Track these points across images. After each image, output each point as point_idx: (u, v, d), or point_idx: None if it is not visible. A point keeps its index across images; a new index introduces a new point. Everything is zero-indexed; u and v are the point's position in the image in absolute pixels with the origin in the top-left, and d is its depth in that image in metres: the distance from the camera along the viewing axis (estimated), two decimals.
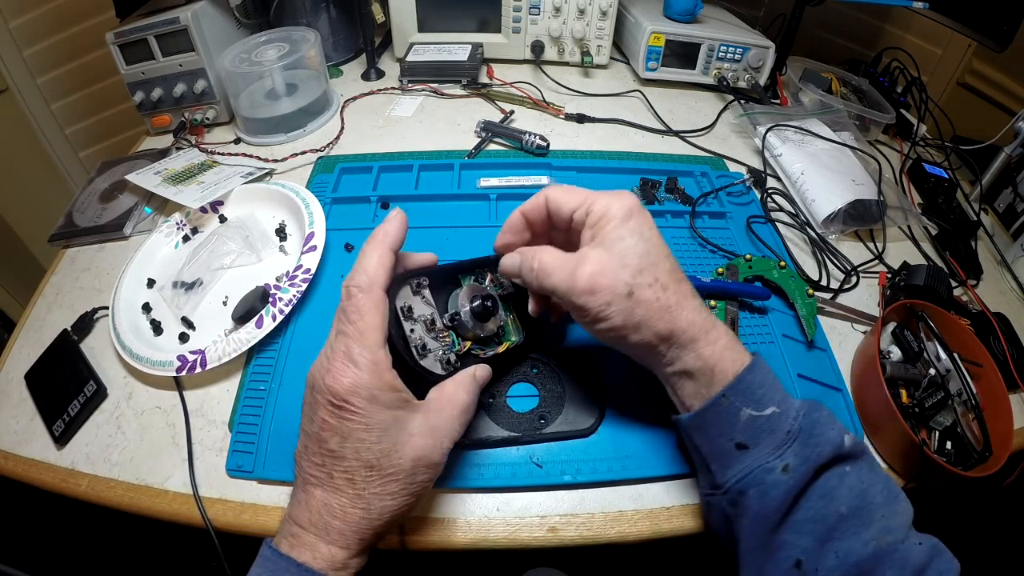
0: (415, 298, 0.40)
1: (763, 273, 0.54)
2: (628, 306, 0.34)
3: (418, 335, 0.39)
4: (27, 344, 0.54)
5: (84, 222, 0.64)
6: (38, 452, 0.46)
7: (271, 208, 0.62)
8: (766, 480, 0.32)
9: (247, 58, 0.74)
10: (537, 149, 0.71)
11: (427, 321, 0.40)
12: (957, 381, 0.47)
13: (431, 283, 0.41)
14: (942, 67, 0.99)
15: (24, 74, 1.10)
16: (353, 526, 0.32)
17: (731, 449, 0.34)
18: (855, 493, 0.32)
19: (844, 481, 0.33)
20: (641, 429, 0.44)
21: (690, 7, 0.82)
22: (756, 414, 0.34)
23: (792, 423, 0.33)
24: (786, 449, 0.33)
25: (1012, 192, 0.71)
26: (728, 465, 0.34)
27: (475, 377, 0.38)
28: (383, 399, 0.32)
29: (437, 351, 0.40)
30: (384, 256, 0.35)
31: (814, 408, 0.35)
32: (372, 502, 0.32)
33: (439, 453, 0.34)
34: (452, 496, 0.42)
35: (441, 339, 0.40)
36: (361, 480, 0.32)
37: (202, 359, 0.47)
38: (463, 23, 0.88)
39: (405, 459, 0.32)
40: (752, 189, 0.68)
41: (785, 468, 0.32)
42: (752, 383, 0.34)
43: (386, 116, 0.79)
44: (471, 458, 0.43)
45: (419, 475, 0.33)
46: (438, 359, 0.39)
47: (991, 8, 0.69)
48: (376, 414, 0.32)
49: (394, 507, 0.32)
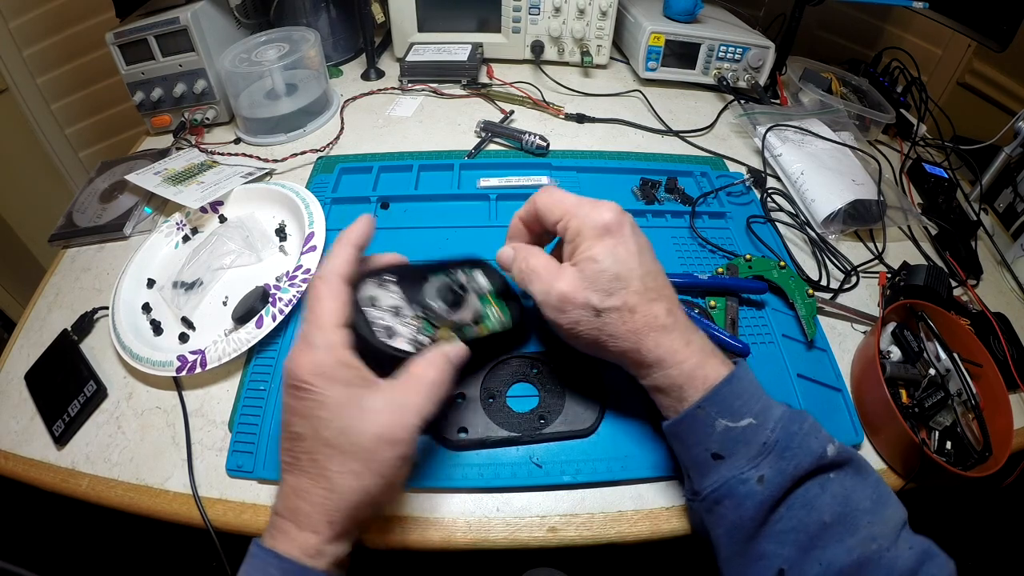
0: (379, 290, 0.40)
1: (763, 273, 0.54)
2: (596, 326, 0.36)
3: (384, 321, 0.38)
4: (27, 344, 0.54)
5: (84, 222, 0.64)
6: (38, 452, 0.46)
7: (271, 208, 0.62)
8: (739, 491, 0.33)
9: (247, 58, 0.74)
10: (537, 149, 0.71)
11: (392, 309, 0.39)
12: (957, 381, 0.47)
13: (402, 280, 0.41)
14: (942, 67, 0.99)
15: (24, 74, 1.10)
16: (319, 507, 0.31)
17: (707, 459, 0.34)
18: (838, 500, 0.32)
19: (827, 489, 0.32)
20: (641, 429, 0.44)
21: (690, 7, 0.82)
22: (732, 425, 0.34)
23: (769, 435, 0.33)
24: (761, 460, 0.33)
25: (1012, 192, 0.71)
26: (704, 474, 0.35)
27: (446, 354, 0.36)
28: (338, 376, 0.32)
29: (406, 333, 0.39)
30: (344, 251, 0.37)
31: (795, 418, 0.34)
32: (334, 480, 0.31)
33: (403, 429, 0.32)
34: (452, 496, 0.42)
35: (409, 324, 0.40)
36: (323, 459, 0.32)
37: (202, 359, 0.47)
38: (463, 23, 0.88)
39: (364, 436, 0.32)
40: (752, 189, 0.68)
41: (760, 479, 0.32)
42: (728, 394, 0.34)
43: (386, 116, 0.79)
44: (471, 458, 0.43)
45: (382, 452, 0.32)
46: (408, 340, 0.39)
47: (991, 8, 0.69)
48: (331, 390, 0.32)
49: (358, 487, 0.31)
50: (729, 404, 0.34)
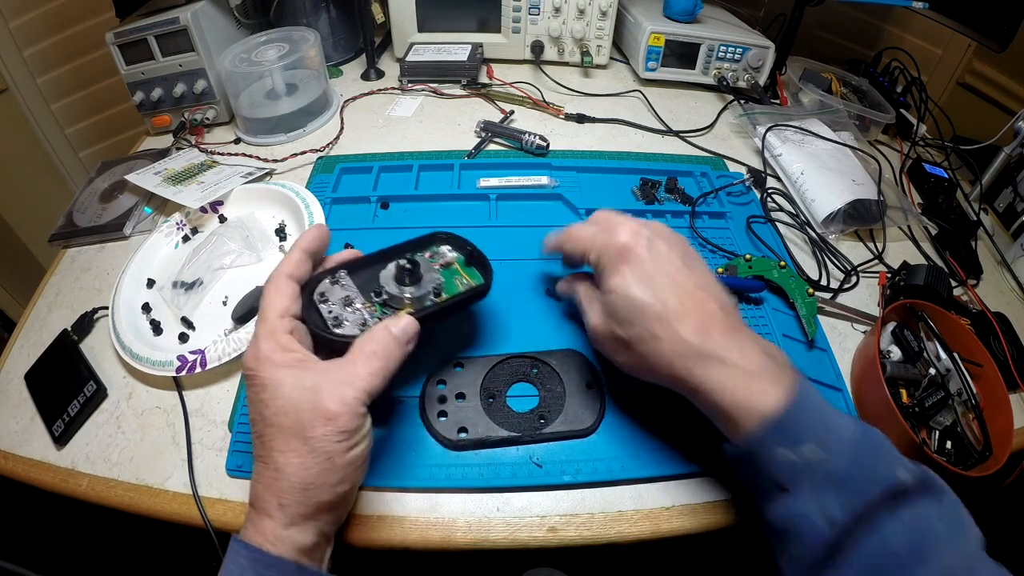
0: (333, 287, 0.40)
1: (763, 273, 0.54)
2: (629, 355, 0.37)
3: (333, 312, 0.39)
4: (27, 344, 0.54)
5: (84, 222, 0.64)
6: (38, 452, 0.46)
7: (271, 208, 0.62)
8: (803, 528, 0.30)
9: (247, 58, 0.74)
10: (537, 149, 0.71)
11: (343, 300, 0.40)
12: (957, 381, 0.47)
13: (357, 273, 0.41)
14: (942, 67, 0.99)
15: (24, 74, 1.10)
16: (269, 489, 0.32)
17: (770, 488, 0.32)
18: (910, 530, 0.29)
19: (898, 518, 0.29)
20: (641, 429, 0.44)
21: (690, 7, 0.82)
22: (792, 455, 0.31)
23: (834, 463, 0.30)
24: (826, 493, 0.30)
25: (1012, 192, 0.71)
26: (767, 501, 0.33)
27: (387, 327, 0.36)
28: (276, 359, 0.33)
29: (356, 321, 0.39)
30: (293, 254, 0.38)
31: (862, 442, 0.32)
32: (278, 460, 0.32)
33: (336, 403, 0.32)
34: (452, 496, 0.42)
35: (359, 312, 0.40)
36: (268, 439, 0.32)
37: (202, 359, 0.47)
38: (463, 23, 0.88)
39: (302, 412, 0.32)
40: (752, 189, 0.68)
41: (826, 517, 0.30)
42: (786, 422, 0.32)
43: (386, 116, 0.79)
44: (471, 458, 0.43)
45: (319, 427, 0.31)
46: (357, 325, 0.39)
47: (991, 8, 0.69)
48: (270, 373, 0.33)
49: (298, 464, 0.31)
50: (788, 432, 0.31)
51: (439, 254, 0.45)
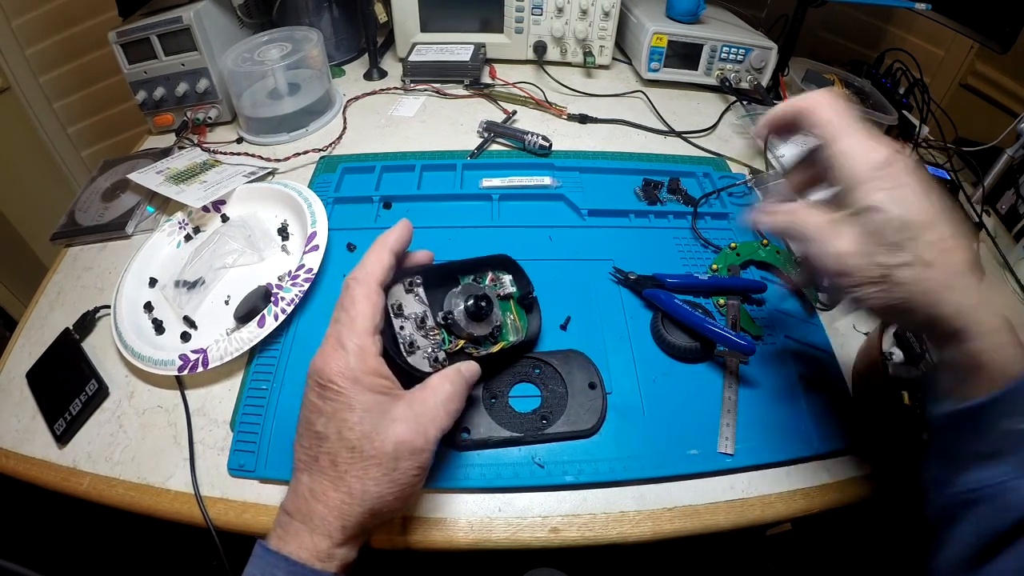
0: (407, 296, 0.41)
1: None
2: (883, 289, 0.30)
3: (408, 332, 0.39)
4: (29, 343, 0.54)
5: (86, 221, 0.64)
6: (39, 451, 0.46)
7: (273, 208, 0.62)
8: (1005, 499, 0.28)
9: (249, 58, 0.74)
10: (539, 149, 0.71)
11: (417, 319, 0.40)
12: None
13: (427, 282, 0.42)
14: (944, 68, 0.99)
15: (26, 73, 1.10)
16: (335, 511, 0.31)
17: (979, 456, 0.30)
18: None
19: None
20: (643, 430, 0.44)
21: (692, 8, 0.82)
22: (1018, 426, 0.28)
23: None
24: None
25: (1014, 194, 0.71)
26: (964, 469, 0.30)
27: (460, 371, 0.38)
28: (366, 382, 0.33)
29: (426, 348, 0.40)
30: (382, 255, 0.37)
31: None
32: (353, 485, 0.32)
33: (422, 439, 0.33)
34: (454, 496, 0.42)
35: (431, 336, 0.41)
36: (343, 462, 0.32)
37: (204, 358, 0.47)
38: (466, 23, 0.88)
39: (386, 443, 0.32)
40: (754, 190, 0.67)
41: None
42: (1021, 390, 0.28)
43: (388, 116, 0.79)
44: (473, 458, 0.43)
45: (402, 461, 0.32)
46: (426, 356, 0.40)
47: (994, 10, 0.68)
48: (358, 395, 0.33)
49: (376, 494, 0.32)
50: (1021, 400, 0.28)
51: (501, 283, 0.46)
